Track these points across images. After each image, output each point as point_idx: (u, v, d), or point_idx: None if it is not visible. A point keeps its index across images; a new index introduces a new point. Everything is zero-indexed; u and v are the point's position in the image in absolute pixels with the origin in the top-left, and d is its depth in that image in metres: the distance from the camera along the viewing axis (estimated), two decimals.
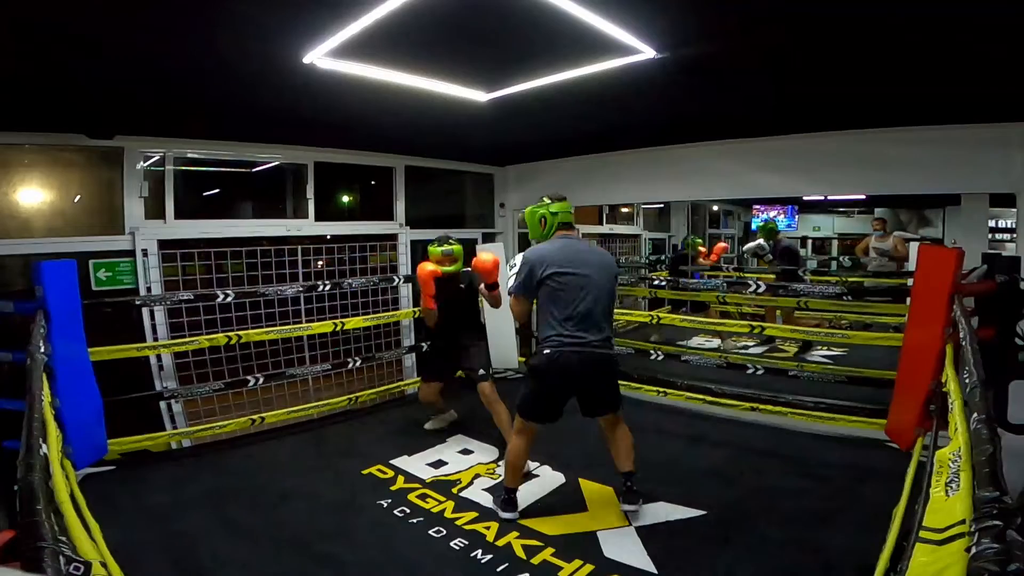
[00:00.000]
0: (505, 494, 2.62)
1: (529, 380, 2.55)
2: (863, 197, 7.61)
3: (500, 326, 4.83)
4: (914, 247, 5.16)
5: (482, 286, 3.27)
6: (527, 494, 2.79)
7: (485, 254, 3.26)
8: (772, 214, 10.04)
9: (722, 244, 7.55)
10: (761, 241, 6.09)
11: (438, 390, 3.69)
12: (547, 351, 2.41)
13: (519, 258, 2.59)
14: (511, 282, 2.57)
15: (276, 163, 4.21)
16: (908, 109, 3.10)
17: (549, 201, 2.62)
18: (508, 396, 4.46)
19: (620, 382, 2.67)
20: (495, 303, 3.30)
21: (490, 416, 3.35)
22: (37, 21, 1.76)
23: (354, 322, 4.18)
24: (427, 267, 3.30)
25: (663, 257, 8.05)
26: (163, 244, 3.56)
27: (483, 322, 3.86)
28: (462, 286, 3.48)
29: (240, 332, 3.64)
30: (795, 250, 6.29)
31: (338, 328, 4.07)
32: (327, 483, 2.98)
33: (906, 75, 2.45)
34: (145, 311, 3.44)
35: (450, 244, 3.43)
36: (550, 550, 2.30)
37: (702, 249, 7.05)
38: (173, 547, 2.34)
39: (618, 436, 2.62)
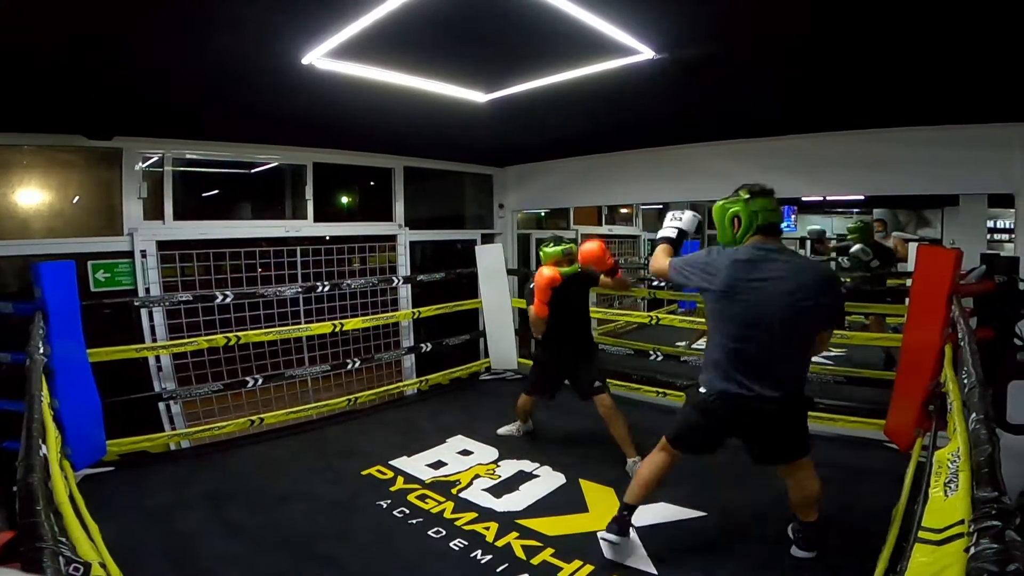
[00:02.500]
0: (623, 511, 2.26)
1: (687, 408, 2.21)
2: (862, 198, 7.63)
3: (500, 325, 4.84)
4: (913, 247, 5.15)
5: (602, 277, 3.13)
6: (528, 494, 2.79)
7: (587, 243, 3.05)
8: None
9: None
10: (862, 244, 5.16)
11: (535, 402, 3.50)
12: (703, 390, 2.05)
13: (687, 217, 2.42)
14: (666, 231, 2.40)
15: (275, 164, 4.21)
16: (908, 109, 3.10)
17: (747, 195, 2.02)
18: (508, 396, 4.47)
19: (621, 383, 2.46)
20: (624, 286, 3.23)
21: (490, 417, 3.34)
22: (37, 21, 1.76)
23: (353, 323, 4.17)
24: (545, 272, 2.96)
25: None
26: (162, 245, 3.55)
27: (592, 332, 3.52)
28: (574, 288, 3.14)
29: (239, 333, 3.63)
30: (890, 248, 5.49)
31: (337, 329, 4.07)
32: (326, 484, 2.98)
33: (906, 75, 2.45)
34: (144, 312, 3.43)
35: (567, 243, 3.13)
36: (550, 550, 2.30)
37: None
38: (172, 548, 2.33)
39: (800, 481, 2.14)
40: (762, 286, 1.90)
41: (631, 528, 2.29)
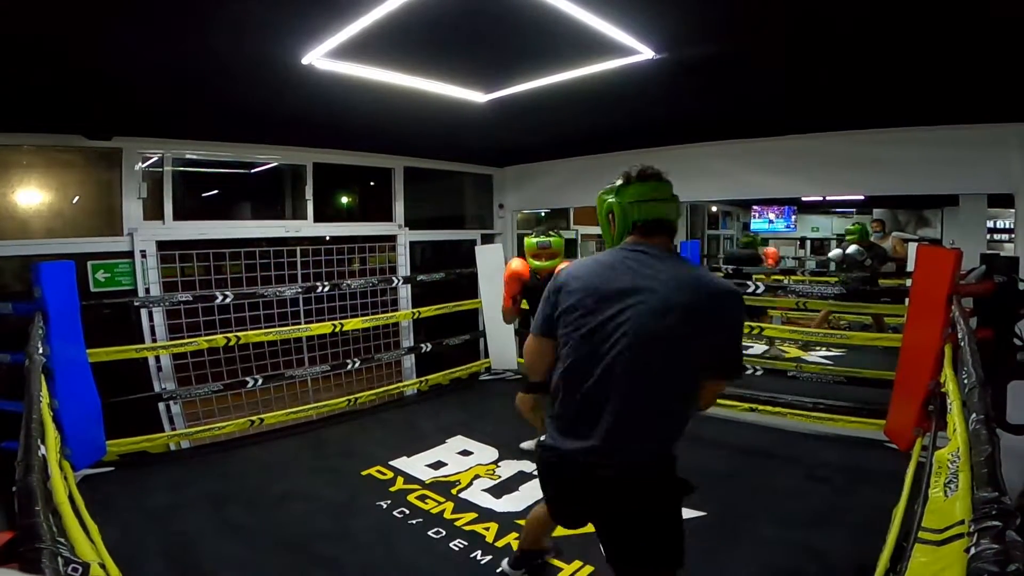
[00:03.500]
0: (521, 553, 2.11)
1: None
2: (862, 198, 7.63)
3: (500, 325, 4.83)
4: (913, 248, 5.16)
5: None
6: (528, 494, 2.79)
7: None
8: (772, 216, 10.08)
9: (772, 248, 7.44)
10: (857, 246, 5.40)
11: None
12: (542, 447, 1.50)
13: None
14: None
15: (275, 164, 4.21)
16: (908, 109, 3.10)
17: (621, 181, 1.55)
18: (508, 396, 4.47)
19: None
20: None
21: (490, 417, 3.34)
22: (36, 22, 1.76)
23: (353, 323, 4.17)
24: (513, 265, 2.89)
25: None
26: (161, 245, 3.55)
27: None
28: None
29: (239, 333, 3.63)
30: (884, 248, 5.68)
31: (337, 329, 4.07)
32: (326, 484, 2.98)
33: (906, 75, 2.45)
34: (144, 312, 3.43)
35: (548, 236, 2.86)
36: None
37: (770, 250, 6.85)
38: (172, 548, 2.33)
39: None
40: (616, 304, 1.35)
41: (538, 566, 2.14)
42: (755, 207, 10.31)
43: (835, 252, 5.86)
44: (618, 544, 1.46)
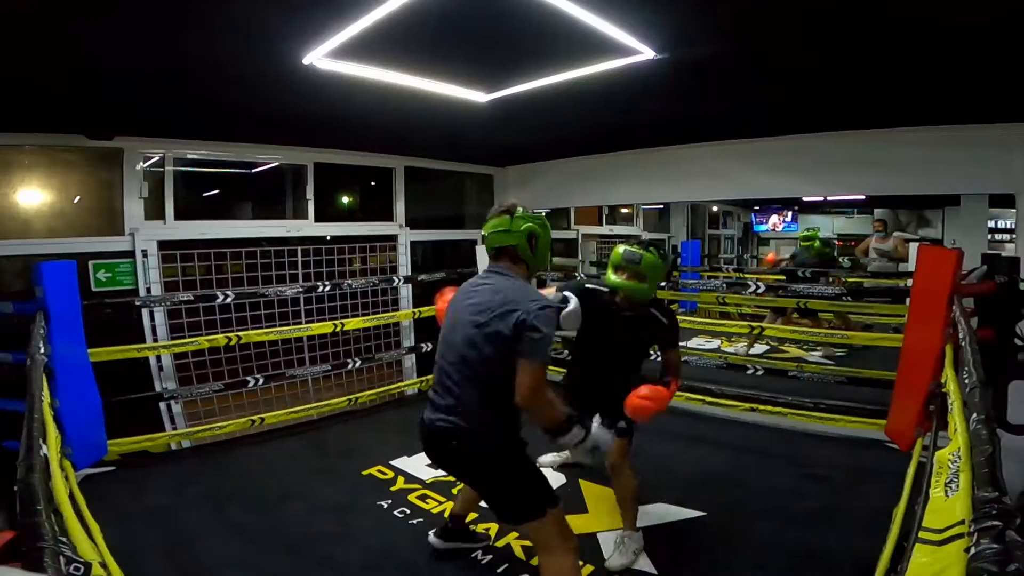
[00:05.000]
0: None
1: None
2: (863, 198, 7.64)
3: None
4: (914, 248, 5.17)
5: None
6: None
7: None
8: (773, 218, 10.11)
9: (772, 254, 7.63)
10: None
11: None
12: None
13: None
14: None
15: (276, 164, 4.21)
16: (908, 109, 3.10)
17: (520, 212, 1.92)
18: None
19: None
20: None
21: None
22: (36, 22, 1.76)
23: (354, 323, 4.18)
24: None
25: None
26: (163, 245, 3.55)
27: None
28: (642, 333, 2.35)
29: (240, 333, 3.63)
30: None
31: (338, 329, 4.07)
32: (327, 484, 2.98)
33: (907, 75, 2.45)
34: (145, 312, 3.44)
35: (640, 249, 2.22)
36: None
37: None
38: (173, 548, 2.34)
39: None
40: (462, 298, 1.84)
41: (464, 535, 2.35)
42: (756, 207, 10.34)
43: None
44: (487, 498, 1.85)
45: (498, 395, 1.67)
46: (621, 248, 2.26)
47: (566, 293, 1.95)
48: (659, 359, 2.49)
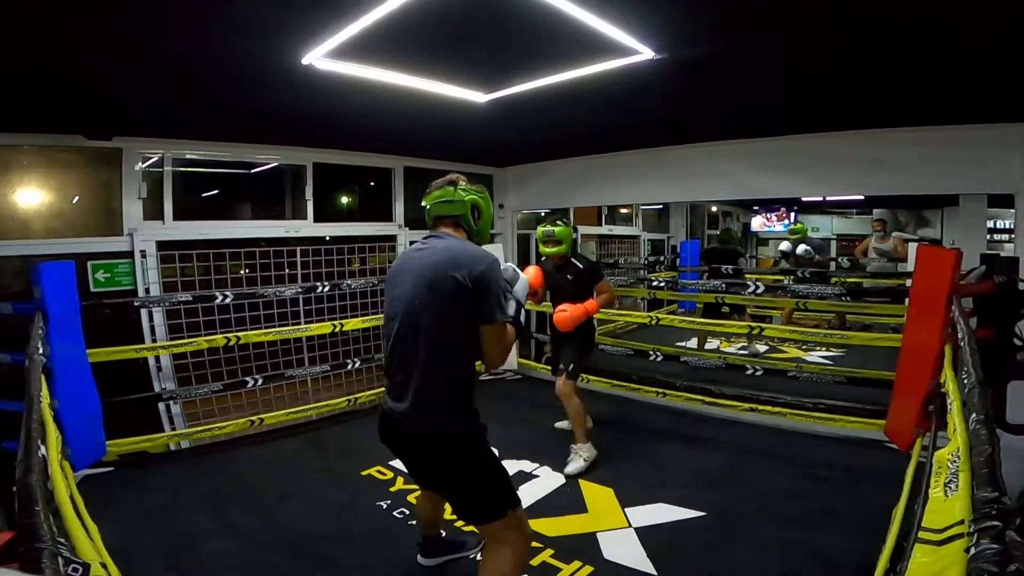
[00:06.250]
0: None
1: None
2: (862, 198, 7.64)
3: None
4: (913, 248, 5.17)
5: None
6: (527, 495, 2.79)
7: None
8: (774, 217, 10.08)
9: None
10: (804, 245, 6.26)
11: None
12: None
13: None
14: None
15: (275, 164, 4.21)
16: (907, 109, 3.11)
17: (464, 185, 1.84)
18: (507, 396, 4.47)
19: (621, 383, 2.17)
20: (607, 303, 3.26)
21: (489, 417, 3.32)
22: (36, 22, 1.76)
23: (353, 323, 4.17)
24: (530, 275, 2.66)
25: (662, 258, 8.06)
26: (162, 245, 3.55)
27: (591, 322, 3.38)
28: (569, 277, 3.23)
29: (239, 333, 3.63)
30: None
31: (337, 329, 4.07)
32: (326, 484, 2.98)
33: (906, 75, 2.45)
34: (144, 312, 3.43)
35: (554, 224, 3.19)
36: (549, 551, 2.30)
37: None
38: (172, 548, 2.33)
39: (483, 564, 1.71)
40: (400, 269, 1.72)
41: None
42: (755, 207, 10.31)
43: (785, 245, 6.53)
44: (447, 497, 1.78)
45: (451, 369, 1.60)
46: (541, 230, 3.23)
47: (511, 265, 1.93)
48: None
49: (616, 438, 3.47)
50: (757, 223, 10.05)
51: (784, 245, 6.54)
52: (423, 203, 1.86)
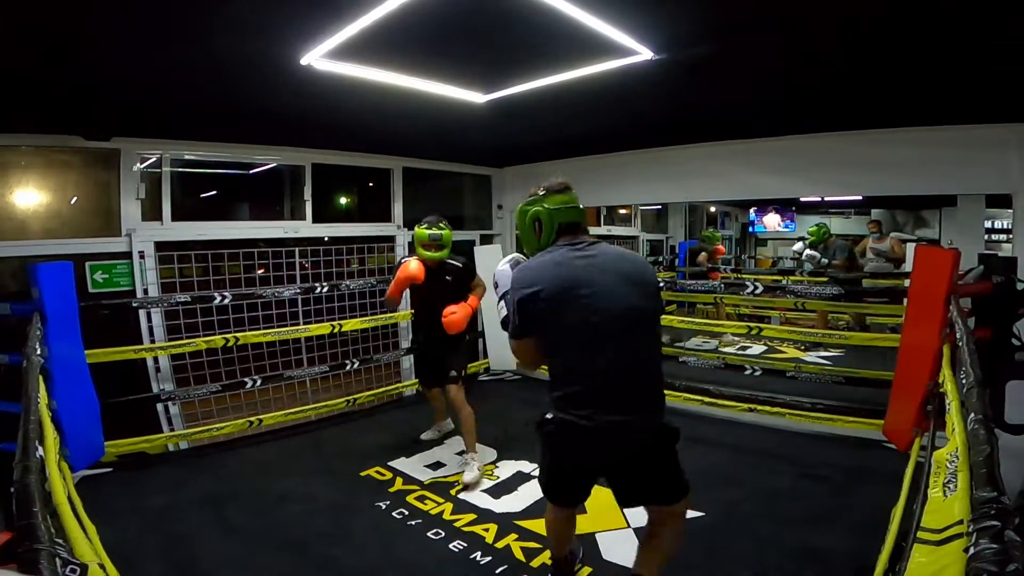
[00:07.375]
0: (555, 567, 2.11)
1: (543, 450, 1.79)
2: (860, 198, 7.65)
3: (497, 325, 4.83)
4: (911, 248, 5.18)
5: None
6: (526, 495, 2.79)
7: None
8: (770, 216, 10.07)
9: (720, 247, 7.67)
10: (811, 251, 6.12)
11: (435, 395, 3.50)
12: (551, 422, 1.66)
13: (502, 274, 1.81)
14: (501, 312, 1.81)
15: (273, 165, 4.20)
16: (906, 109, 3.11)
17: (542, 193, 1.78)
18: (507, 396, 4.47)
19: None
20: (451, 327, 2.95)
21: (488, 418, 3.34)
22: (35, 22, 1.76)
23: (352, 324, 4.17)
24: (411, 268, 2.94)
25: (661, 259, 8.06)
26: (160, 246, 3.55)
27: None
28: (448, 279, 3.09)
29: (237, 334, 3.63)
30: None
31: (336, 330, 4.06)
32: (325, 485, 2.97)
33: (905, 75, 2.46)
34: (142, 313, 3.43)
35: (439, 228, 3.00)
36: (549, 552, 2.29)
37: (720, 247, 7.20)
38: (170, 549, 2.33)
39: (666, 534, 1.81)
40: (579, 277, 1.59)
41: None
42: (754, 207, 10.30)
43: (798, 246, 6.53)
44: (647, 490, 1.75)
45: (661, 366, 1.73)
46: (426, 233, 2.97)
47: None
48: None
49: None
50: (774, 222, 10.04)
51: (798, 246, 6.52)
52: (545, 204, 1.75)
